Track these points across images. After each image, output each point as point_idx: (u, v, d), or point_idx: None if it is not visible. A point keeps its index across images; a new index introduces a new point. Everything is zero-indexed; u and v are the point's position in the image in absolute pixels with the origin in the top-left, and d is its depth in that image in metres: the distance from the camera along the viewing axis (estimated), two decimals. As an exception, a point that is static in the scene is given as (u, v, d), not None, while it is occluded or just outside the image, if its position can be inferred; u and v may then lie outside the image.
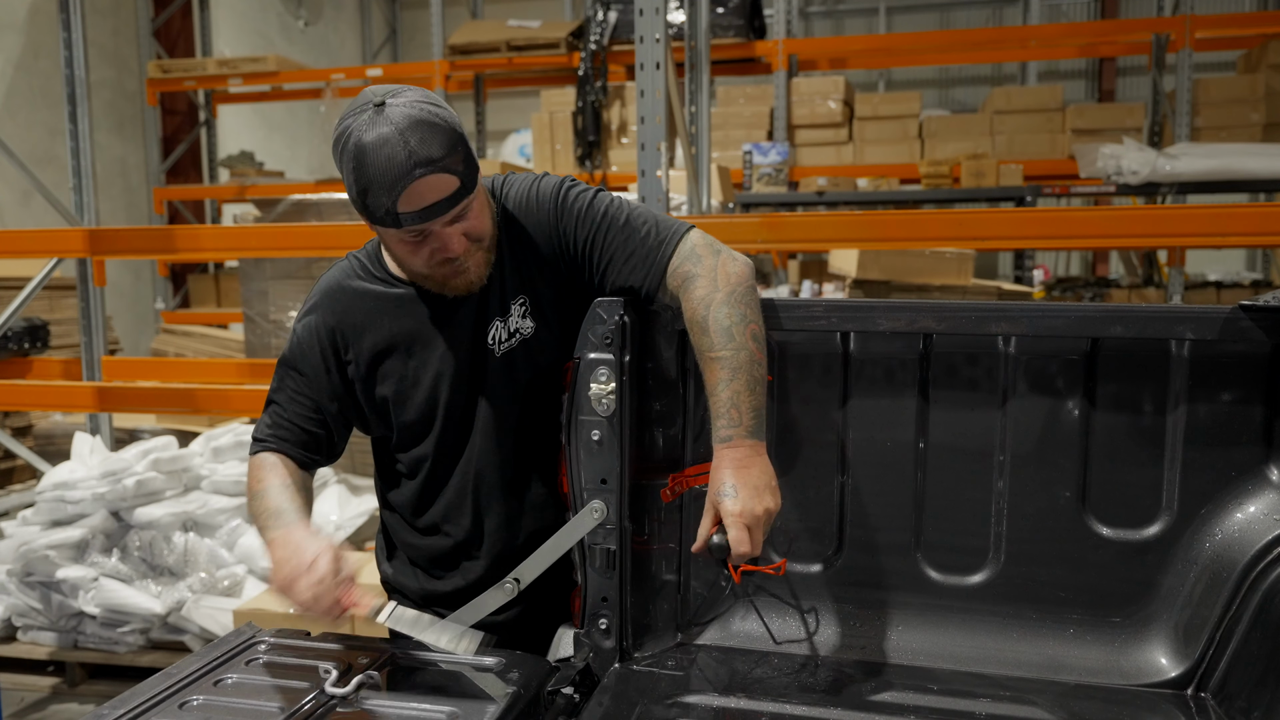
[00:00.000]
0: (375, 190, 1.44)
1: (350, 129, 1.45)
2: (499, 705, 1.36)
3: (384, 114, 1.44)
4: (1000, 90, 7.98)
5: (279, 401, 1.68)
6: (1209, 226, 3.08)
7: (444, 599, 1.69)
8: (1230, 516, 1.55)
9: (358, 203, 1.48)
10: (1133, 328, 1.53)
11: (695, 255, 1.56)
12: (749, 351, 1.49)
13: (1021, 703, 1.48)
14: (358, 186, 1.45)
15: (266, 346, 5.18)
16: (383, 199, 1.44)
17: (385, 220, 1.47)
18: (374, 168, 1.42)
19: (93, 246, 3.83)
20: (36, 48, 7.61)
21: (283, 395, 1.68)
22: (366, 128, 1.43)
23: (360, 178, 1.44)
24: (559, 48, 7.14)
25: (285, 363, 1.68)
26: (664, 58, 3.02)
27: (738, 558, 1.44)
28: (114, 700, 1.36)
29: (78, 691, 3.67)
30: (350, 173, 1.46)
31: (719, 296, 1.51)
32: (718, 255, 1.56)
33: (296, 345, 1.67)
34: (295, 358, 1.67)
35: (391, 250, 1.58)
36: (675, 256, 1.56)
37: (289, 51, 10.16)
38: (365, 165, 1.43)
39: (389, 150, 1.42)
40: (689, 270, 1.54)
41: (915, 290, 5.49)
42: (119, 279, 8.18)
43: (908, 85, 11.50)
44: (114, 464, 3.81)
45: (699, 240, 1.58)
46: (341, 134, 1.46)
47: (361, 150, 1.43)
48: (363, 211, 1.48)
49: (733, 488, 1.43)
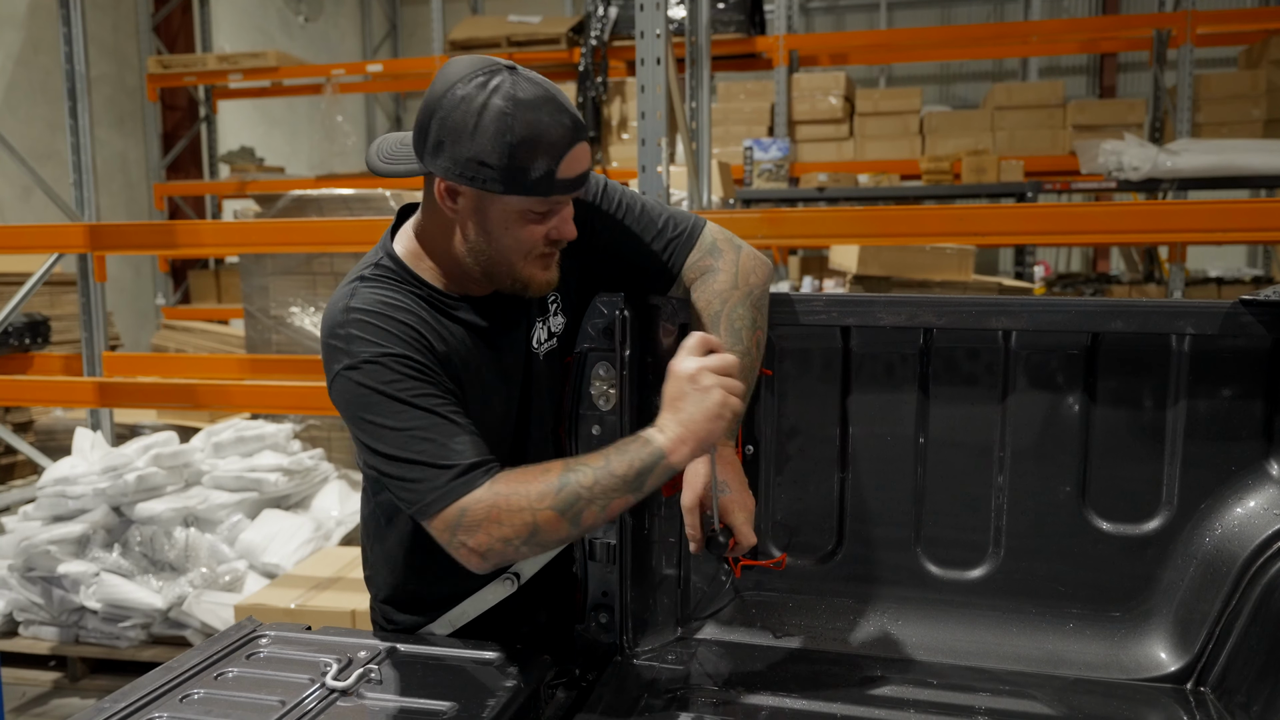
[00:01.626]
0: (540, 150, 1.31)
1: (486, 91, 1.30)
2: (499, 699, 1.36)
3: (523, 74, 1.33)
4: (1001, 86, 7.97)
5: (449, 420, 1.36)
6: (1210, 222, 3.08)
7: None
8: (1230, 511, 1.55)
9: (502, 164, 1.31)
10: (1133, 323, 1.53)
11: (716, 249, 1.56)
12: (752, 357, 1.52)
13: (1021, 697, 1.49)
14: (513, 145, 1.30)
15: (267, 342, 5.18)
16: (544, 160, 1.32)
17: (537, 186, 1.33)
18: (541, 126, 1.30)
19: (93, 242, 3.83)
20: (37, 43, 7.60)
21: (447, 424, 1.35)
22: (513, 87, 1.31)
23: (521, 135, 1.30)
24: (560, 43, 7.14)
25: (398, 393, 1.35)
26: (665, 53, 3.02)
27: (742, 550, 1.46)
28: (115, 694, 1.36)
29: (79, 686, 3.68)
30: (501, 131, 1.30)
31: (737, 295, 1.52)
32: (738, 251, 1.56)
33: (395, 367, 1.36)
34: (406, 375, 1.36)
35: (498, 229, 1.39)
36: (695, 250, 1.56)
37: (289, 47, 10.15)
38: (529, 122, 1.30)
39: (549, 110, 1.31)
40: (709, 264, 1.54)
41: (916, 286, 5.50)
42: (119, 274, 8.19)
43: (909, 81, 11.48)
44: (115, 459, 3.81)
45: (718, 234, 1.58)
46: (470, 95, 1.31)
47: (523, 106, 1.30)
48: (506, 174, 1.31)
49: (725, 485, 1.48)
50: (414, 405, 1.34)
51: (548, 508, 1.31)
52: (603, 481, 1.32)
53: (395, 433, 1.34)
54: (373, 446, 1.37)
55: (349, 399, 1.38)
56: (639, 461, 1.32)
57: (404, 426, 1.34)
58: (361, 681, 1.40)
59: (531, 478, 1.33)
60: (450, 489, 1.32)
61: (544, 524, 1.31)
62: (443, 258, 1.46)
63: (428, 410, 1.34)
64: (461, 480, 1.32)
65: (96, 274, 4.21)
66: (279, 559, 3.72)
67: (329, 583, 3.32)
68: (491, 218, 1.38)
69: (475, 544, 1.33)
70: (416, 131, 1.38)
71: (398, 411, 1.34)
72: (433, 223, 1.45)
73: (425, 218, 1.47)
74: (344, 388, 1.38)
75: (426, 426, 1.34)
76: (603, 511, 1.33)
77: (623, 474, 1.32)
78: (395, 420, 1.34)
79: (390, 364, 1.36)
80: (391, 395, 1.34)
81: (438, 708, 1.34)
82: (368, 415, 1.36)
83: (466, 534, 1.32)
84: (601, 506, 1.33)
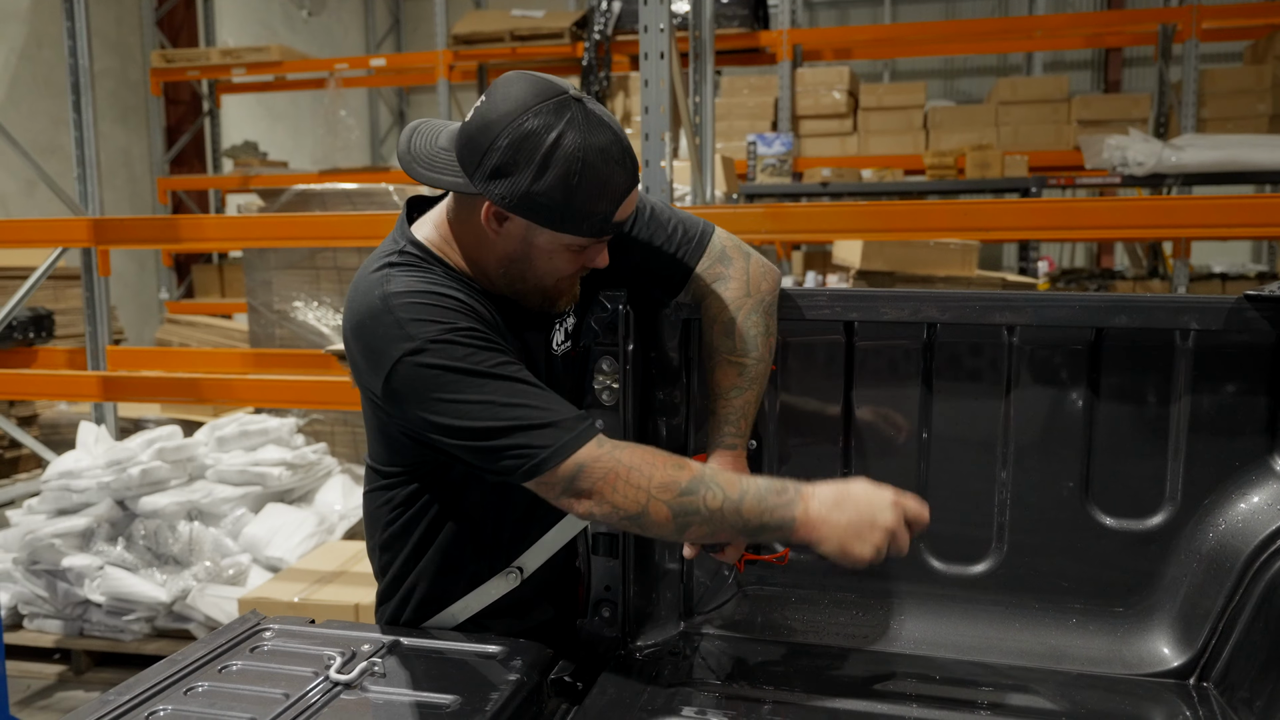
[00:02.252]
0: (599, 200, 1.31)
1: (557, 128, 1.28)
2: (502, 693, 1.36)
3: (592, 113, 1.31)
4: (1005, 81, 7.95)
5: (532, 384, 1.34)
6: (1215, 218, 3.07)
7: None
8: (1234, 507, 1.55)
9: (558, 207, 1.30)
10: (1137, 318, 1.53)
11: (726, 256, 1.56)
12: (766, 365, 1.54)
13: (1023, 692, 1.49)
14: (576, 193, 1.30)
15: (270, 336, 5.18)
16: (605, 207, 1.33)
17: (590, 229, 1.34)
18: (606, 176, 1.31)
19: (97, 236, 3.83)
20: (40, 37, 7.60)
21: (533, 387, 1.33)
22: (585, 129, 1.30)
23: (584, 185, 1.30)
24: (563, 38, 7.12)
25: (477, 364, 1.31)
26: (668, 47, 3.01)
27: (733, 556, 1.49)
28: (119, 687, 1.37)
29: (84, 679, 3.69)
30: (568, 175, 1.29)
31: (750, 303, 1.53)
32: (748, 259, 1.57)
33: (463, 341, 1.32)
34: (478, 346, 1.32)
35: (540, 258, 1.38)
36: (706, 256, 1.56)
37: (292, 41, 10.14)
38: (596, 173, 1.30)
39: (616, 155, 1.31)
40: (720, 271, 1.55)
41: (919, 281, 5.49)
42: (123, 269, 8.20)
43: (913, 76, 11.46)
44: (119, 453, 3.82)
45: (727, 240, 1.58)
46: (539, 130, 1.28)
47: (593, 152, 1.29)
48: (564, 215, 1.31)
49: None
50: (495, 375, 1.30)
51: (664, 502, 1.30)
52: (727, 512, 1.31)
53: (483, 405, 1.29)
54: (455, 425, 1.31)
55: (417, 383, 1.32)
56: (769, 516, 1.32)
57: (490, 399, 1.29)
58: (365, 675, 1.41)
59: (661, 463, 1.32)
60: (565, 444, 1.29)
61: (654, 513, 1.31)
62: (471, 262, 1.44)
63: (509, 378, 1.31)
64: (574, 435, 1.30)
65: (100, 268, 4.21)
66: (282, 553, 3.73)
67: (332, 576, 3.33)
68: (536, 246, 1.37)
69: (586, 506, 1.32)
70: (469, 149, 1.33)
71: (479, 385, 1.30)
72: (466, 231, 1.43)
73: (459, 224, 1.44)
74: (410, 373, 1.32)
75: (515, 392, 1.31)
76: (710, 535, 1.34)
77: (748, 517, 1.32)
78: (479, 394, 1.30)
79: (459, 339, 1.31)
80: (468, 370, 1.30)
81: (441, 701, 1.34)
82: (445, 395, 1.31)
83: (579, 493, 1.30)
84: (711, 531, 1.33)
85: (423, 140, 1.40)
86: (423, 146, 1.39)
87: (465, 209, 1.41)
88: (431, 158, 1.38)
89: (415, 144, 1.40)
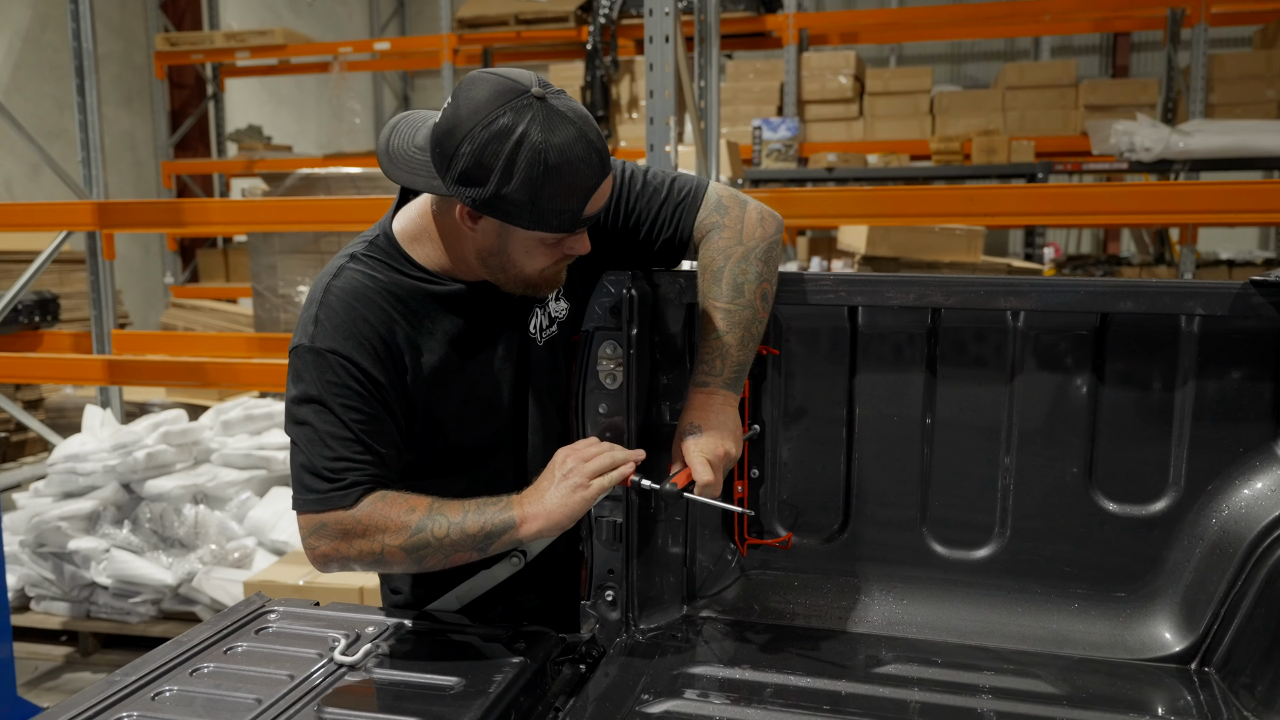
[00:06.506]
0: (567, 197, 1.33)
1: (519, 129, 1.29)
2: (505, 675, 1.37)
3: (555, 109, 1.31)
4: (1013, 66, 7.90)
5: (358, 439, 1.41)
6: (1222, 204, 3.06)
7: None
8: (1237, 493, 1.55)
9: (526, 207, 1.32)
10: (1142, 303, 1.52)
11: (721, 206, 1.56)
12: (754, 310, 1.52)
13: (1025, 676, 1.49)
14: (542, 192, 1.31)
15: (275, 321, 5.19)
16: (572, 204, 1.34)
17: (560, 225, 1.35)
18: (571, 174, 1.31)
19: (102, 220, 3.83)
20: (44, 20, 7.59)
21: (348, 439, 1.40)
22: (547, 127, 1.29)
23: (549, 184, 1.31)
24: (568, 21, 7.09)
25: (329, 393, 1.40)
26: (673, 31, 3.00)
27: (701, 490, 1.45)
28: (126, 667, 1.38)
29: (90, 660, 3.71)
30: (532, 177, 1.30)
31: (739, 251, 1.52)
32: (744, 206, 1.56)
33: (338, 368, 1.40)
34: (343, 381, 1.41)
35: (517, 253, 1.41)
36: (702, 209, 1.56)
37: (296, 25, 10.10)
38: (560, 172, 1.30)
39: (580, 152, 1.31)
40: (715, 220, 1.55)
41: (924, 267, 5.48)
42: (128, 253, 8.20)
43: (919, 60, 11.40)
44: (124, 437, 3.84)
45: (724, 191, 1.58)
46: (501, 133, 1.29)
47: (555, 151, 1.30)
48: (534, 214, 1.33)
49: (698, 428, 1.49)
50: (332, 411, 1.41)
51: (398, 546, 1.41)
52: (453, 536, 1.42)
53: (307, 427, 1.42)
54: (289, 424, 1.46)
55: (292, 373, 1.46)
56: (490, 525, 1.42)
57: (315, 425, 1.41)
58: (369, 657, 1.41)
59: (395, 512, 1.41)
60: (314, 500, 1.42)
61: (390, 557, 1.43)
62: (452, 252, 1.48)
63: (344, 422, 1.41)
64: (322, 496, 1.41)
65: (105, 252, 4.22)
66: (287, 536, 3.75)
67: (337, 560, 3.34)
68: (512, 243, 1.41)
69: (323, 551, 1.44)
70: (439, 154, 1.34)
71: (318, 411, 1.41)
72: (447, 224, 1.46)
73: (440, 216, 1.46)
74: (292, 361, 1.46)
75: (330, 436, 1.41)
76: (445, 560, 1.44)
77: (473, 533, 1.42)
78: (314, 417, 1.41)
79: (335, 365, 1.41)
80: (317, 395, 1.41)
81: (444, 683, 1.35)
82: (296, 396, 1.44)
83: (319, 540, 1.43)
84: (445, 556, 1.43)
85: (400, 140, 1.43)
86: (400, 146, 1.43)
87: (445, 203, 1.45)
88: (408, 158, 1.41)
89: (393, 143, 1.43)
